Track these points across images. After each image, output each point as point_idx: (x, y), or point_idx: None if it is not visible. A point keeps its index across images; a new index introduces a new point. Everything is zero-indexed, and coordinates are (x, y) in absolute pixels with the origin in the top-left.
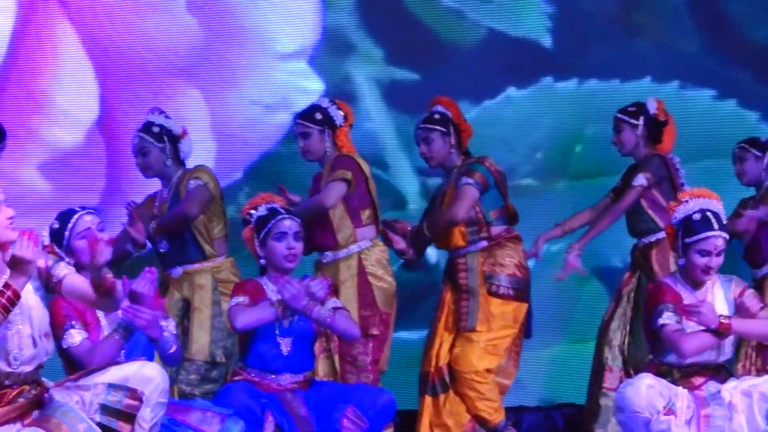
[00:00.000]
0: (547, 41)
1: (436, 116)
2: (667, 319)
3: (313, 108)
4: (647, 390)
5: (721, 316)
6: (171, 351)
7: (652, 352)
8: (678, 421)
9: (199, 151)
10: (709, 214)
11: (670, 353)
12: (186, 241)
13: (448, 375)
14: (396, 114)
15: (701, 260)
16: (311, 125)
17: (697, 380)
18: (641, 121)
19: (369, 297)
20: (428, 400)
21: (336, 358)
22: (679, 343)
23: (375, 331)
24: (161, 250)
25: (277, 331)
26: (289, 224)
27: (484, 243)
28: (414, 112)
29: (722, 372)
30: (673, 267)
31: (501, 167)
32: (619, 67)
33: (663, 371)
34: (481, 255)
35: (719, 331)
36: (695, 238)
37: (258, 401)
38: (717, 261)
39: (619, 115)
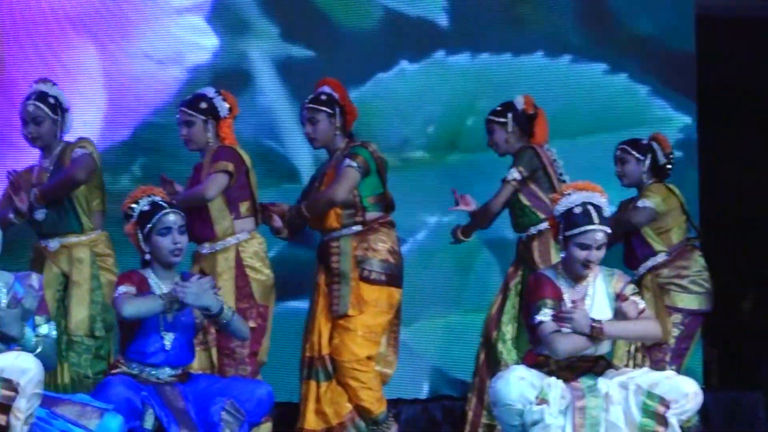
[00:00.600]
0: (443, 20)
1: (323, 97)
2: (544, 316)
3: (198, 97)
4: (518, 382)
5: (593, 321)
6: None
7: (532, 342)
8: (551, 410)
9: (91, 103)
10: (590, 207)
11: None
12: (65, 210)
13: (330, 364)
14: (291, 89)
15: (581, 254)
16: (195, 114)
17: (574, 372)
18: (509, 118)
19: (246, 289)
20: (312, 384)
21: (213, 351)
22: (553, 343)
23: (252, 324)
24: (38, 218)
25: (161, 326)
26: (173, 219)
27: (358, 227)
28: (309, 88)
29: (600, 364)
30: (555, 259)
31: (383, 154)
32: (511, 42)
33: (540, 362)
34: (354, 239)
35: (593, 336)
36: (575, 231)
37: (138, 394)
38: (597, 255)
39: (489, 117)
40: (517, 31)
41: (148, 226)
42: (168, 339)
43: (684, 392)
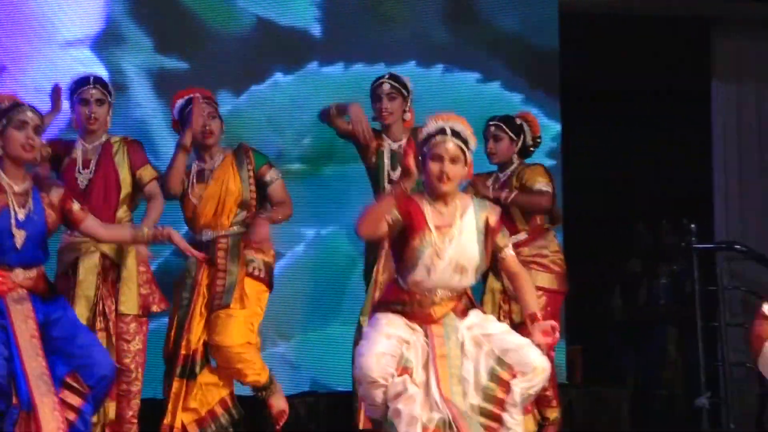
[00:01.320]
0: (315, 29)
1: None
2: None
3: None
4: (378, 359)
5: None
6: None
7: (398, 272)
8: (414, 377)
9: None
10: (445, 125)
11: (413, 270)
12: None
13: (202, 358)
14: (166, 101)
15: (435, 166)
16: None
17: (436, 312)
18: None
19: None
20: (184, 382)
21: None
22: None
23: (156, 308)
24: None
25: (12, 222)
26: (30, 115)
27: (244, 228)
28: None
29: (463, 300)
30: None
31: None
32: (384, 52)
33: (403, 302)
34: (243, 238)
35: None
36: (428, 143)
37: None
38: (453, 169)
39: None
40: (389, 39)
41: (4, 119)
42: (19, 237)
43: (532, 366)
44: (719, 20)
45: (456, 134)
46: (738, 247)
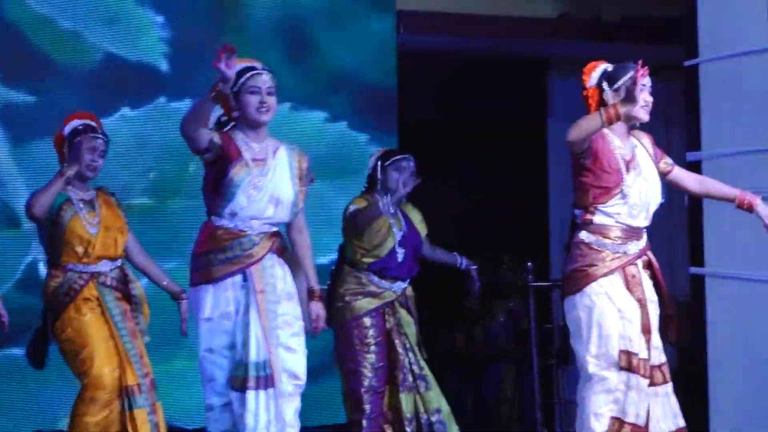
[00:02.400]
0: (163, 65)
1: None
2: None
3: None
4: (211, 357)
5: None
6: None
7: (213, 210)
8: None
9: None
10: (256, 62)
11: (232, 201)
12: None
13: None
14: (12, 134)
15: (254, 98)
16: None
17: (257, 251)
18: None
19: None
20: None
21: None
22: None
23: None
24: None
25: None
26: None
27: None
28: (30, 132)
29: (279, 239)
30: None
31: None
32: None
33: (224, 248)
34: None
35: None
36: (242, 77)
37: None
38: (270, 100)
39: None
40: None
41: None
42: None
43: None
44: (555, 61)
45: (271, 73)
46: None
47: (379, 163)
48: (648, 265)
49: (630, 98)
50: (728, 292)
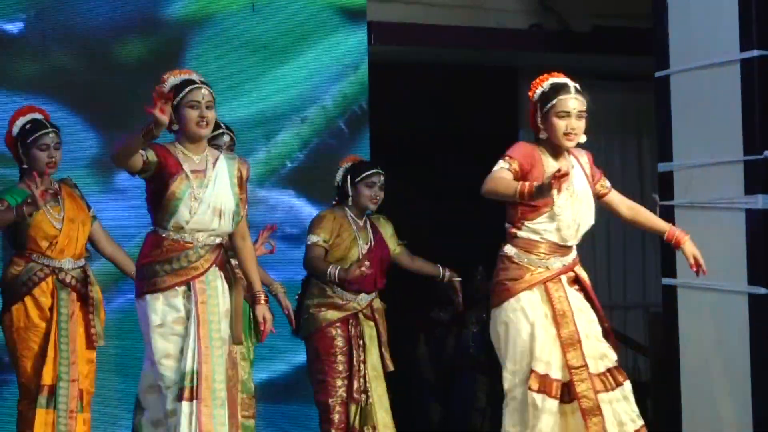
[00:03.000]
0: None
1: None
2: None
3: None
4: (166, 363)
5: None
6: None
7: (157, 223)
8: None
9: None
10: (198, 79)
11: (175, 214)
12: None
13: None
14: None
15: (193, 113)
16: None
17: (202, 264)
18: None
19: None
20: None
21: None
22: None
23: None
24: None
25: None
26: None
27: None
28: None
29: (221, 252)
30: None
31: None
32: None
33: (169, 259)
34: None
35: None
36: (186, 91)
37: None
38: (211, 114)
39: None
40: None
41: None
42: None
43: None
44: (525, 71)
45: (206, 83)
46: None
47: (348, 177)
48: (575, 281)
49: (546, 188)
50: (700, 303)
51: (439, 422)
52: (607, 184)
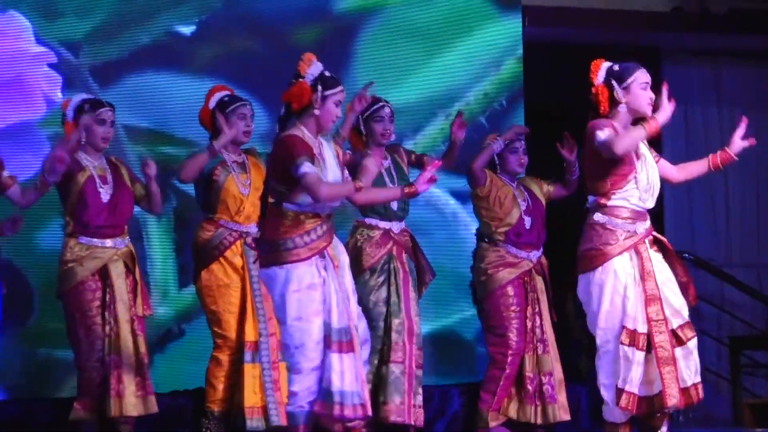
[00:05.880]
0: None
1: None
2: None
3: None
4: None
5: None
6: None
7: (286, 199)
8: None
9: None
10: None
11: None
12: None
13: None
14: None
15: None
16: None
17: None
18: None
19: None
20: (254, 367)
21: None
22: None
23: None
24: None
25: None
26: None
27: None
28: None
29: None
30: None
31: None
32: None
33: (314, 228)
34: None
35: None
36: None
37: None
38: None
39: None
40: None
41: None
42: None
43: None
44: (668, 50)
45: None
46: None
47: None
48: (655, 242)
49: (665, 110)
50: None
51: (586, 375)
52: (655, 153)
